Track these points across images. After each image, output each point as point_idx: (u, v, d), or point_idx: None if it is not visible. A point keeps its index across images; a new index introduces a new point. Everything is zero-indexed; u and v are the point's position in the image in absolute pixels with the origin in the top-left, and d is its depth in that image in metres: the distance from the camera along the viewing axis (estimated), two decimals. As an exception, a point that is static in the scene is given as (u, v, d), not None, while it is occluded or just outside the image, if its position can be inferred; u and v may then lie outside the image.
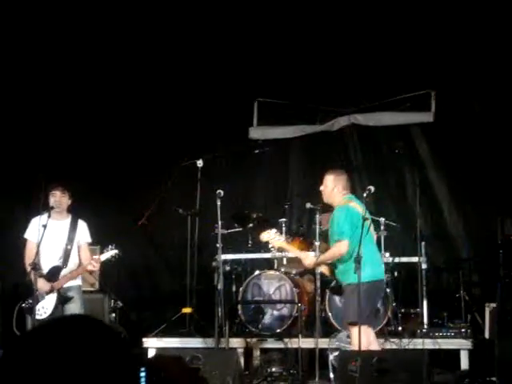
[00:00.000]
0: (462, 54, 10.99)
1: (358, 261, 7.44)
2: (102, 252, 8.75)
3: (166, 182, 10.96)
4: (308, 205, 9.83)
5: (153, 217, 10.67)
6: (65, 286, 8.44)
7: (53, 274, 8.41)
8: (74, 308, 8.39)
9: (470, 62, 11.01)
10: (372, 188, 8.17)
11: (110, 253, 8.56)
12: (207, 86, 11.76)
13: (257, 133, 11.85)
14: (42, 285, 8.27)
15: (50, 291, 8.32)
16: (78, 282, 8.62)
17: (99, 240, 9.36)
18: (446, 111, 11.23)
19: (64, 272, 8.46)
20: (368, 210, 8.21)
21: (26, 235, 8.63)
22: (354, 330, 7.62)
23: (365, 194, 8.00)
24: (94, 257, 8.68)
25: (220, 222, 9.45)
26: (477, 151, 11.08)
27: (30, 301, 8.16)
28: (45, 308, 8.30)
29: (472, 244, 10.96)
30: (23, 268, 8.49)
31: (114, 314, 10.23)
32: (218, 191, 9.29)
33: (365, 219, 7.66)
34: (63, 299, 8.39)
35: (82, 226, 8.69)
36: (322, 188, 8.30)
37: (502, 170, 10.76)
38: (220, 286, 9.46)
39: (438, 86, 11.25)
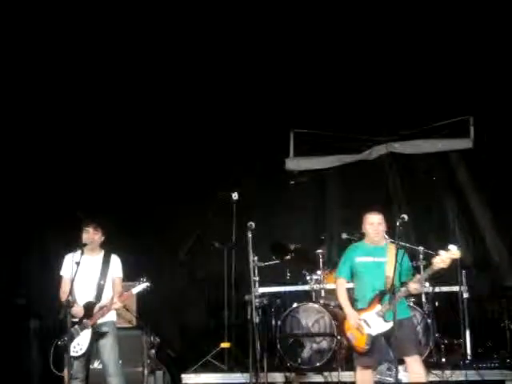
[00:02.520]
0: (499, 79, 10.80)
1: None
2: (133, 285, 8.68)
3: (204, 215, 10.93)
4: (344, 235, 9.71)
5: (190, 251, 10.62)
6: (99, 321, 8.40)
7: (87, 311, 8.39)
8: (108, 344, 8.36)
9: (507, 86, 10.81)
10: (405, 216, 8.05)
11: (142, 286, 8.53)
12: (244, 117, 11.74)
13: (293, 164, 11.79)
14: (78, 313, 8.25)
15: (85, 327, 8.28)
16: (112, 317, 8.57)
17: (136, 275, 9.31)
18: (486, 137, 11.07)
19: (97, 308, 8.43)
20: (405, 238, 8.18)
21: (62, 272, 8.64)
22: (419, 360, 7.87)
23: (398, 223, 7.86)
24: (124, 293, 8.62)
25: (253, 255, 9.35)
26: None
27: (65, 337, 8.14)
28: (80, 345, 8.27)
29: (514, 271, 10.70)
30: (60, 305, 8.49)
31: (153, 350, 10.14)
32: (250, 223, 9.20)
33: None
34: (98, 335, 8.35)
35: (115, 260, 8.68)
36: (381, 224, 8.22)
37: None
38: (256, 320, 9.34)
39: (476, 112, 11.10)
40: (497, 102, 11.01)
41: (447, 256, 7.79)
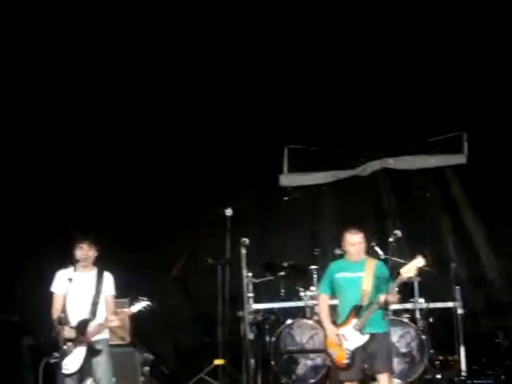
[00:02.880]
0: (493, 95, 10.84)
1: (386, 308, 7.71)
2: (132, 304, 8.63)
3: (197, 232, 10.91)
4: (337, 251, 9.68)
5: (183, 267, 10.59)
6: (93, 339, 8.35)
7: (81, 328, 8.32)
8: (101, 361, 8.27)
9: (500, 102, 10.83)
10: (399, 232, 8.09)
11: (142, 304, 8.44)
12: (238, 133, 11.77)
13: (287, 180, 11.79)
14: (69, 334, 8.19)
15: (78, 344, 8.23)
16: (105, 335, 8.50)
17: (128, 292, 9.27)
18: (480, 152, 11.09)
19: (92, 325, 8.37)
20: (399, 254, 8.18)
21: (53, 289, 8.56)
22: (387, 379, 7.86)
23: (391, 239, 7.87)
24: (124, 310, 8.56)
25: (246, 271, 9.34)
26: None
27: (57, 355, 8.09)
28: (73, 362, 8.17)
29: (510, 287, 10.65)
30: (51, 322, 8.44)
31: (146, 367, 10.09)
32: (243, 239, 9.20)
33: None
34: (92, 352, 8.28)
35: (108, 278, 8.62)
36: (361, 243, 8.18)
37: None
38: (249, 337, 9.31)
39: (470, 128, 11.12)
40: (490, 118, 11.03)
41: (412, 265, 7.82)
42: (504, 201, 10.94)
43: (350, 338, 7.86)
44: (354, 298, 7.95)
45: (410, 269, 7.80)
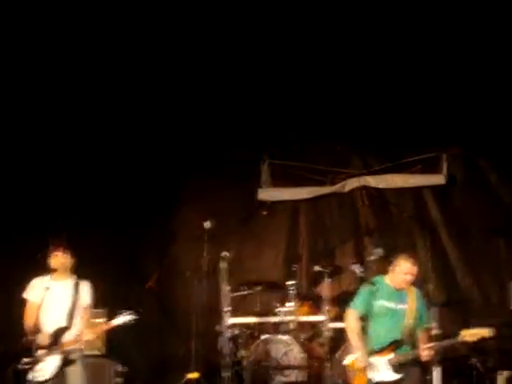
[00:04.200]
0: (473, 116, 10.87)
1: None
2: (111, 315, 8.48)
3: (174, 245, 10.87)
4: (316, 267, 9.67)
5: (160, 279, 10.52)
6: (67, 348, 8.24)
7: (56, 336, 8.22)
8: (75, 371, 8.15)
9: (479, 123, 10.89)
10: (380, 250, 8.02)
11: (126, 318, 8.27)
12: (216, 147, 11.74)
13: (265, 194, 11.77)
14: (44, 341, 8.08)
15: (52, 353, 8.11)
16: (80, 345, 8.41)
17: (105, 302, 9.20)
18: (458, 173, 11.16)
19: (68, 334, 8.27)
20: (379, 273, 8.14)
21: (26, 295, 8.43)
22: None
23: (373, 257, 7.81)
24: (104, 323, 8.44)
25: (225, 285, 9.28)
26: (490, 213, 10.94)
27: (26, 361, 7.95)
28: (44, 370, 8.05)
29: (487, 309, 10.67)
30: (24, 329, 8.33)
31: (118, 379, 9.97)
32: (224, 253, 9.16)
33: None
34: (66, 362, 8.16)
35: (85, 287, 8.52)
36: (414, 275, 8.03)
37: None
38: (225, 351, 9.24)
39: (449, 148, 11.19)
40: (470, 139, 11.10)
41: (478, 333, 7.65)
42: (480, 221, 10.98)
43: (381, 370, 7.68)
44: (393, 329, 7.76)
45: (474, 335, 7.63)
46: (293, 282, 10.23)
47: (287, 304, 10.15)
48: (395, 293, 7.89)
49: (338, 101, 11.12)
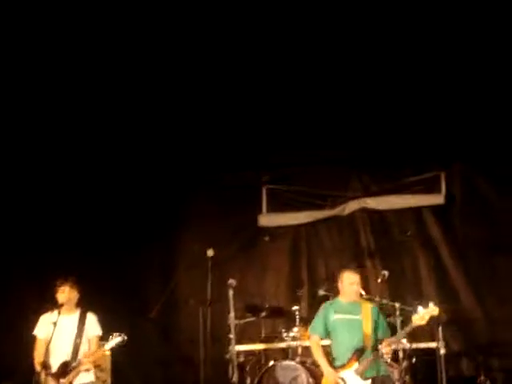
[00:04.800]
0: (470, 135, 10.93)
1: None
2: (103, 343, 8.50)
3: (177, 273, 10.85)
4: (321, 292, 9.67)
5: (164, 309, 10.51)
6: (77, 382, 8.21)
7: (63, 371, 8.21)
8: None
9: (477, 142, 10.95)
10: (386, 273, 8.10)
11: (115, 341, 8.34)
12: (214, 173, 11.82)
13: (266, 220, 11.79)
14: (53, 378, 8.07)
15: (62, 386, 8.10)
16: (90, 377, 8.41)
17: (106, 334, 9.15)
18: (457, 192, 11.21)
19: (74, 367, 8.25)
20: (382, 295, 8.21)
21: (36, 332, 8.48)
22: None
23: (379, 280, 7.88)
24: (97, 350, 8.44)
25: (232, 312, 9.28)
26: (489, 231, 10.97)
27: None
28: (58, 407, 8.06)
29: (490, 328, 10.68)
30: (33, 366, 8.31)
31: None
32: (231, 281, 9.15)
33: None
34: (75, 396, 8.17)
35: (91, 318, 8.55)
36: (359, 284, 8.20)
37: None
38: (235, 379, 9.22)
39: (448, 167, 11.23)
40: (468, 158, 11.15)
41: (426, 313, 7.78)
42: (481, 241, 11.01)
43: (351, 382, 7.80)
44: (352, 340, 7.91)
45: (423, 317, 7.76)
46: (298, 307, 10.22)
47: (293, 329, 10.13)
48: (348, 305, 8.12)
49: (335, 124, 11.14)
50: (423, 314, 7.78)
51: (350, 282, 8.11)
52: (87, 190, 11.60)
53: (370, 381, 7.74)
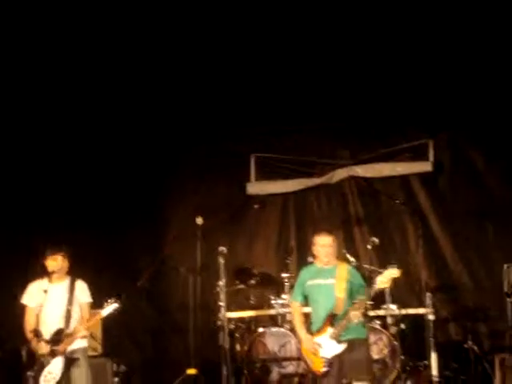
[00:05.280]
0: (458, 103, 10.95)
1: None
2: (102, 307, 8.49)
3: (165, 241, 10.86)
4: (310, 259, 9.69)
5: (153, 277, 10.52)
6: (70, 348, 8.23)
7: (56, 338, 8.21)
8: (80, 372, 8.21)
9: (464, 109, 10.98)
10: (376, 239, 8.10)
11: (111, 307, 8.34)
12: (203, 142, 11.82)
13: (255, 188, 11.79)
14: (44, 350, 8.07)
15: (55, 355, 8.10)
16: (83, 343, 8.41)
17: (100, 303, 9.16)
18: (445, 160, 11.25)
19: (67, 334, 8.26)
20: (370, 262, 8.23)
21: (24, 301, 8.44)
22: None
23: (369, 246, 7.89)
24: (94, 313, 8.45)
25: (222, 280, 9.31)
26: (477, 198, 11.03)
27: (36, 368, 7.96)
28: (52, 373, 8.04)
29: (478, 294, 10.77)
30: (23, 335, 8.31)
31: (116, 379, 9.96)
32: (221, 248, 9.17)
33: None
34: (69, 362, 8.16)
35: (82, 286, 8.53)
36: (332, 246, 8.15)
37: (504, 217, 10.71)
38: (226, 346, 9.27)
39: (436, 135, 11.26)
40: (457, 126, 11.18)
41: (387, 276, 7.77)
42: (468, 207, 11.07)
43: (326, 346, 7.82)
44: (327, 305, 7.89)
45: (384, 280, 7.78)
46: (287, 275, 10.26)
47: (282, 296, 10.18)
48: (323, 270, 8.08)
49: (322, 92, 11.13)
50: (384, 277, 7.78)
51: (320, 244, 8.10)
52: (74, 163, 11.54)
53: (345, 344, 7.74)
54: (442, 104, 11.04)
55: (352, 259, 9.64)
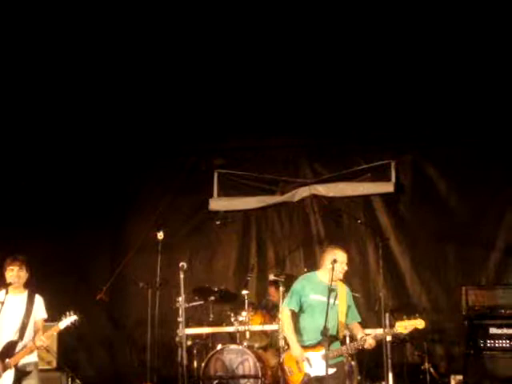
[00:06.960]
0: (422, 123, 11.04)
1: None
2: (59, 320, 8.39)
3: (126, 255, 10.80)
4: (271, 276, 9.69)
5: (112, 291, 10.44)
6: (21, 362, 8.12)
7: (8, 350, 8.10)
8: (30, 384, 8.10)
9: (426, 130, 11.07)
10: (336, 259, 8.01)
11: (69, 319, 8.25)
12: (166, 156, 11.82)
13: (217, 204, 11.78)
14: None
15: (6, 368, 7.99)
16: (34, 357, 8.29)
17: (57, 316, 9.06)
18: (407, 180, 11.33)
19: (19, 347, 8.16)
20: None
21: None
22: None
23: (330, 266, 7.82)
24: (51, 326, 8.36)
25: (182, 296, 9.25)
26: (437, 219, 11.10)
27: (-14, 379, 7.86)
28: (2, 386, 7.97)
29: (436, 315, 10.83)
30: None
31: (74, 392, 9.87)
32: (182, 264, 9.12)
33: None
34: (20, 375, 8.05)
35: (39, 301, 8.42)
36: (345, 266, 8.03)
37: (464, 239, 10.80)
38: (184, 362, 9.20)
39: (399, 156, 11.34)
40: (418, 147, 11.28)
41: (411, 324, 7.73)
42: (428, 228, 11.15)
43: (315, 365, 7.71)
44: (323, 323, 7.49)
45: (406, 326, 7.71)
46: (247, 292, 10.23)
47: (242, 313, 10.14)
48: (326, 287, 7.76)
49: (286, 110, 11.17)
50: (409, 324, 7.70)
51: (341, 260, 7.91)
52: (37, 170, 11.47)
53: (334, 369, 7.59)
54: (405, 125, 11.12)
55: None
